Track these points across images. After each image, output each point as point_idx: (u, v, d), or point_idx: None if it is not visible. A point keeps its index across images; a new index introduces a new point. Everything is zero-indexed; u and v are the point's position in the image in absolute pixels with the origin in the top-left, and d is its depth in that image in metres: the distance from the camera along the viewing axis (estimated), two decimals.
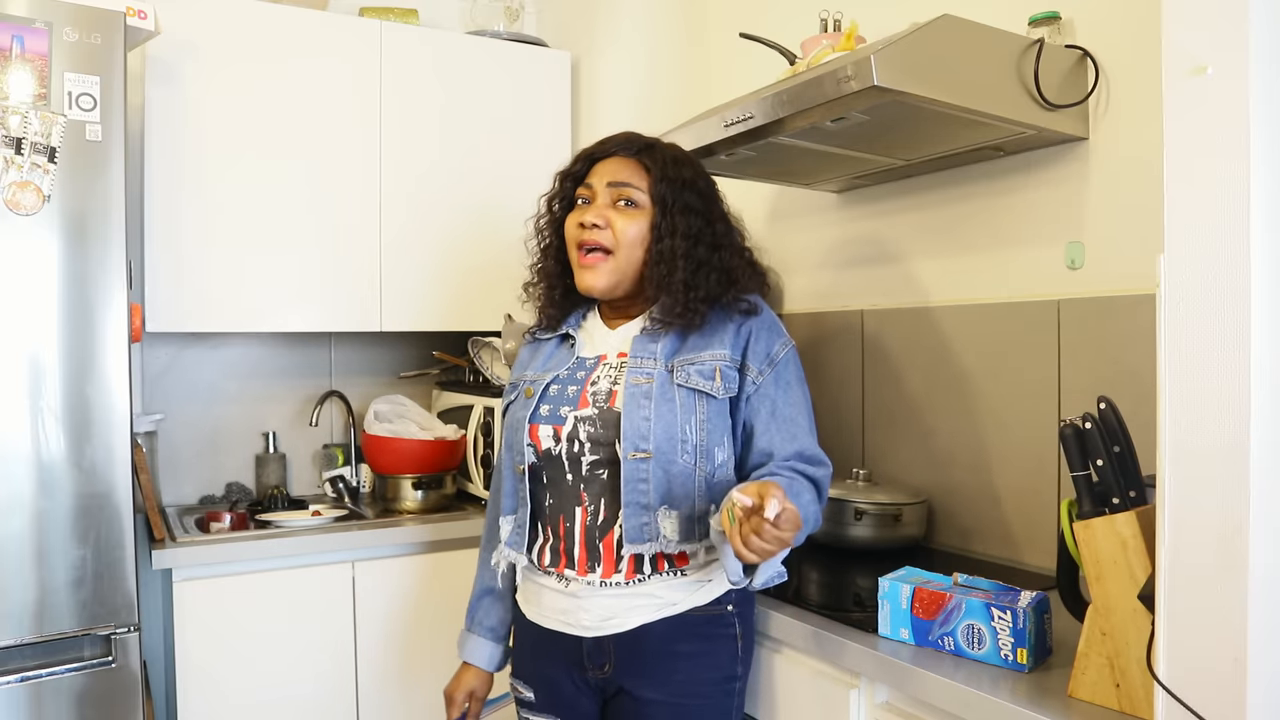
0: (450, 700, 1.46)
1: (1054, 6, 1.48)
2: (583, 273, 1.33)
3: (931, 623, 1.17)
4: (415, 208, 2.39)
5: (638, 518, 1.23)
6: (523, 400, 1.35)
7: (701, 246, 1.30)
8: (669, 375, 1.27)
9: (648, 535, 1.23)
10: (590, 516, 1.27)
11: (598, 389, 1.29)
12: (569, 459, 1.28)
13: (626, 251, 1.31)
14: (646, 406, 1.24)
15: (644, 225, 1.31)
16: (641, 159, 1.34)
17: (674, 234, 1.29)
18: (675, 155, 1.36)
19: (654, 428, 1.23)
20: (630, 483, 1.23)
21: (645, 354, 1.30)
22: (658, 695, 1.25)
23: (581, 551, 1.27)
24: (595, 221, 1.31)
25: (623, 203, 1.32)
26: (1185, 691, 0.86)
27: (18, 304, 1.59)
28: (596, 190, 1.33)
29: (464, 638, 1.48)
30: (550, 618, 1.31)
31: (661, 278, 1.29)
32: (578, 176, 1.37)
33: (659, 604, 1.25)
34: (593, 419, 1.27)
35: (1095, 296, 1.47)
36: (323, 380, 2.63)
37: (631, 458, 1.23)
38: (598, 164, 1.35)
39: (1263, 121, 0.81)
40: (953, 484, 1.70)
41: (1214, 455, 0.83)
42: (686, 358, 1.28)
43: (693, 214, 1.31)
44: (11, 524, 1.58)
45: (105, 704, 1.66)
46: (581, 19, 2.67)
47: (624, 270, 1.32)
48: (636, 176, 1.32)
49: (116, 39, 1.67)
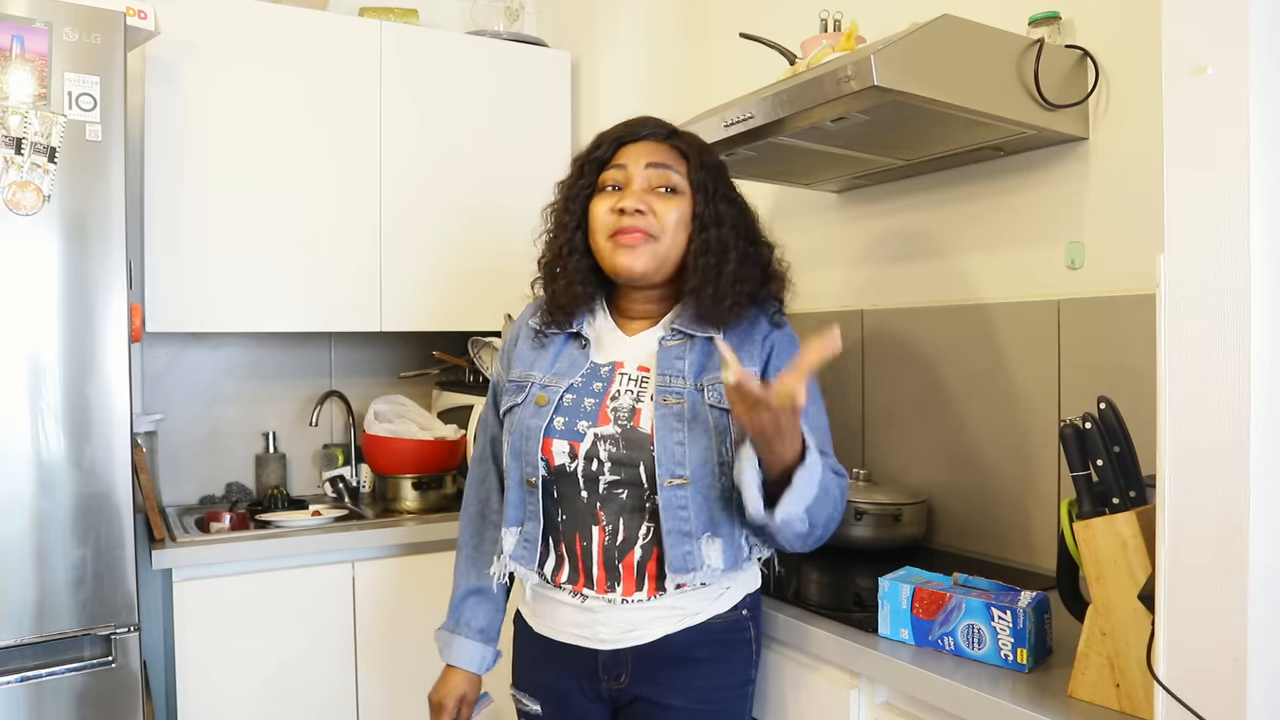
0: (440, 708, 1.37)
1: (1054, 6, 1.48)
2: (619, 253, 1.22)
3: (931, 623, 1.17)
4: (415, 207, 2.39)
5: (681, 546, 1.17)
6: (534, 407, 1.25)
7: (744, 239, 1.25)
8: (699, 394, 1.20)
9: (692, 565, 1.17)
10: (609, 537, 1.21)
11: (619, 405, 1.22)
12: (585, 476, 1.21)
13: (670, 238, 1.23)
14: (680, 430, 1.18)
15: (685, 212, 1.24)
16: (675, 144, 1.27)
17: (720, 224, 1.23)
18: (702, 144, 1.30)
19: (689, 453, 1.17)
20: (669, 509, 1.17)
21: (673, 371, 1.22)
22: (677, 702, 1.22)
23: (600, 572, 1.21)
24: (637, 207, 1.21)
25: (663, 189, 1.24)
26: (1185, 691, 0.86)
27: (18, 304, 1.59)
28: (632, 173, 1.24)
29: (448, 639, 1.38)
30: (564, 631, 1.25)
31: (709, 268, 1.22)
32: (601, 161, 1.28)
33: (681, 615, 1.22)
34: (615, 438, 1.20)
35: (1095, 296, 1.47)
36: (323, 380, 2.63)
37: (669, 485, 1.17)
38: (626, 147, 1.27)
39: (1263, 121, 0.81)
40: (953, 484, 1.70)
41: (1214, 455, 0.83)
42: (715, 376, 1.22)
43: (733, 204, 1.27)
44: (11, 524, 1.58)
45: (105, 704, 1.65)
46: (581, 19, 2.67)
47: (665, 256, 1.24)
48: (675, 160, 1.25)
49: (116, 39, 1.67)
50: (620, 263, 1.23)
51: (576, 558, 1.23)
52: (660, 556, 1.19)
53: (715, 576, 1.19)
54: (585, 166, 1.28)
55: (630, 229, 1.22)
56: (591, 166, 1.28)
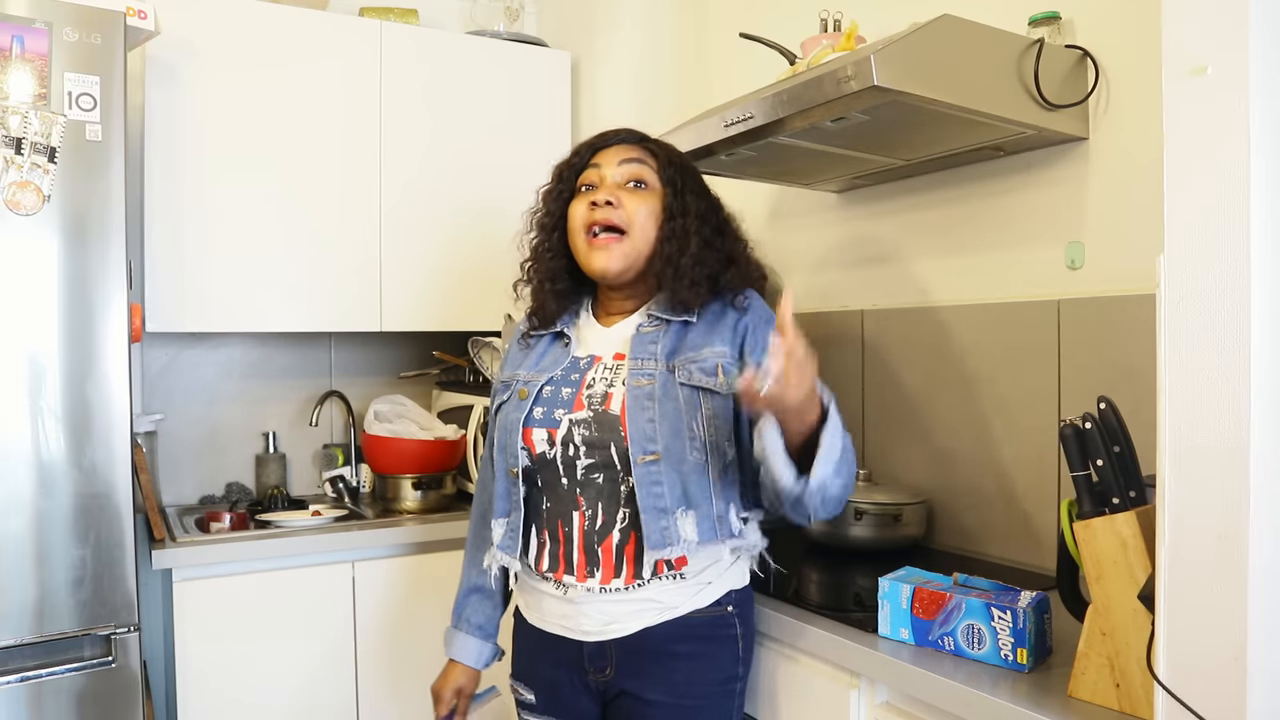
0: (438, 698, 1.45)
1: (1054, 6, 1.48)
2: (594, 254, 1.30)
3: (931, 623, 1.17)
4: (415, 207, 2.39)
5: (657, 523, 1.20)
6: (516, 401, 1.32)
7: (708, 227, 1.32)
8: (671, 375, 1.25)
9: (669, 540, 1.20)
10: (588, 521, 1.25)
11: (593, 391, 1.27)
12: (564, 463, 1.26)
13: (640, 231, 1.30)
14: (650, 408, 1.22)
15: (655, 206, 1.31)
16: (646, 145, 1.36)
17: (686, 214, 1.30)
18: (673, 147, 1.40)
19: (659, 427, 1.21)
20: (644, 486, 1.20)
21: (645, 355, 1.28)
22: (659, 697, 1.24)
23: (580, 556, 1.25)
24: (608, 199, 1.29)
25: (633, 184, 1.32)
26: (1185, 691, 0.86)
27: (18, 304, 1.59)
28: (605, 172, 1.33)
29: (450, 635, 1.46)
30: (551, 622, 1.30)
31: (671, 254, 1.29)
32: (579, 167, 1.36)
33: (660, 608, 1.24)
34: (587, 422, 1.25)
35: (1095, 296, 1.47)
36: (323, 380, 2.63)
37: (641, 461, 1.20)
38: (600, 152, 1.35)
39: (1263, 121, 0.80)
40: (953, 484, 1.70)
41: (1214, 455, 0.83)
42: (687, 356, 1.26)
43: (701, 197, 1.34)
44: (11, 524, 1.58)
45: (105, 704, 1.66)
46: (581, 19, 2.68)
47: (638, 250, 1.30)
48: (645, 157, 1.34)
49: (116, 39, 1.67)
50: (595, 264, 1.30)
51: (559, 544, 1.27)
52: (638, 540, 1.22)
53: (692, 550, 1.21)
54: (564, 174, 1.37)
55: (602, 221, 1.29)
56: (569, 173, 1.37)
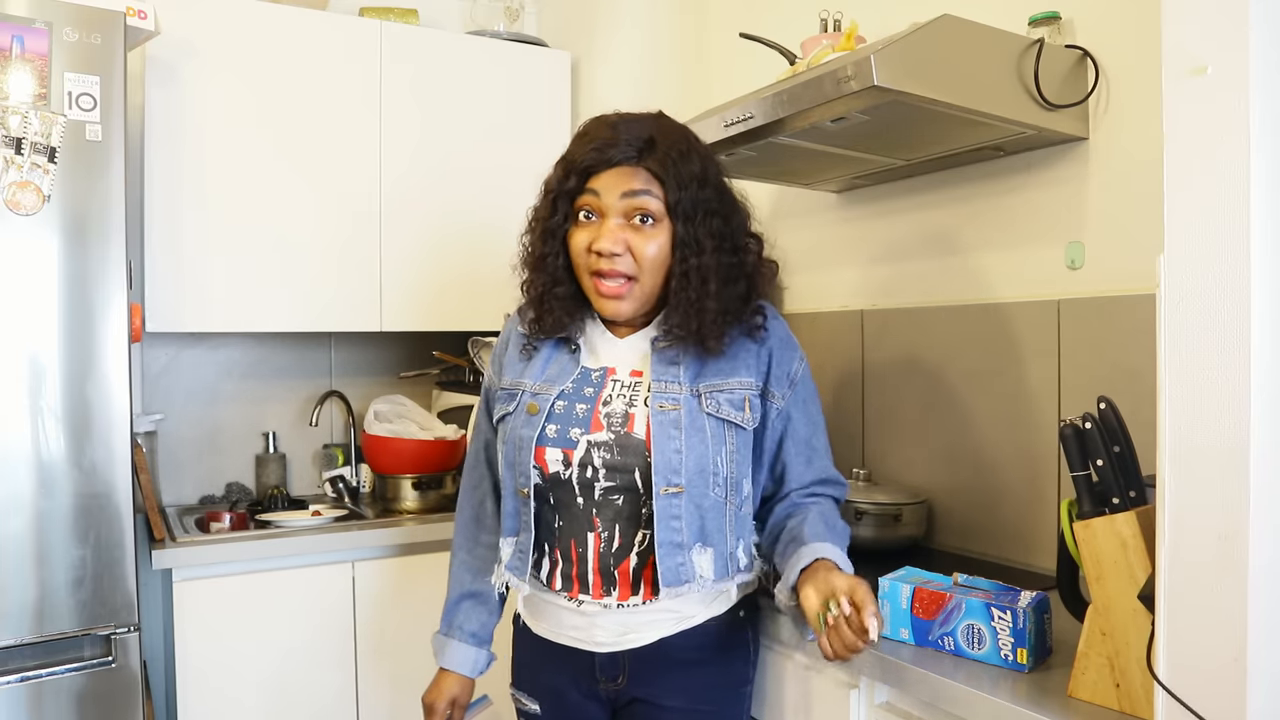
0: (432, 709, 1.37)
1: (1054, 6, 1.48)
2: (604, 303, 1.22)
3: (931, 623, 1.17)
4: (415, 207, 2.39)
5: (673, 558, 1.17)
6: (525, 416, 1.24)
7: (725, 253, 1.20)
8: (697, 402, 1.20)
9: (684, 576, 1.18)
10: (605, 544, 1.20)
11: (612, 410, 1.21)
12: (580, 483, 1.20)
13: (650, 275, 1.20)
14: (677, 438, 1.17)
15: (664, 242, 1.19)
16: (648, 166, 1.18)
17: (701, 251, 1.18)
18: (679, 149, 1.20)
19: (686, 460, 1.17)
20: (663, 520, 1.17)
21: (668, 377, 1.21)
22: (676, 703, 1.23)
23: (596, 578, 1.21)
24: (613, 250, 1.17)
25: (639, 219, 1.18)
26: (1185, 691, 0.86)
27: (18, 304, 1.59)
28: (606, 202, 1.18)
29: (442, 643, 1.39)
30: (562, 634, 1.26)
31: (691, 303, 1.18)
32: (573, 192, 1.21)
33: (678, 618, 1.23)
34: (609, 445, 1.19)
35: (1095, 296, 1.47)
36: (323, 380, 2.63)
37: (664, 493, 1.16)
38: (595, 176, 1.19)
39: (1263, 121, 0.80)
40: (953, 484, 1.70)
41: (1214, 455, 0.83)
42: (714, 384, 1.21)
43: (714, 217, 1.20)
44: (11, 524, 1.58)
45: (105, 704, 1.66)
46: (581, 19, 2.67)
47: (649, 293, 1.21)
48: (650, 184, 1.18)
49: (116, 39, 1.67)
50: (606, 309, 1.23)
51: (572, 564, 1.22)
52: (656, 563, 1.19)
53: (706, 587, 1.20)
54: (557, 201, 1.22)
55: (610, 273, 1.19)
56: (564, 200, 1.22)
